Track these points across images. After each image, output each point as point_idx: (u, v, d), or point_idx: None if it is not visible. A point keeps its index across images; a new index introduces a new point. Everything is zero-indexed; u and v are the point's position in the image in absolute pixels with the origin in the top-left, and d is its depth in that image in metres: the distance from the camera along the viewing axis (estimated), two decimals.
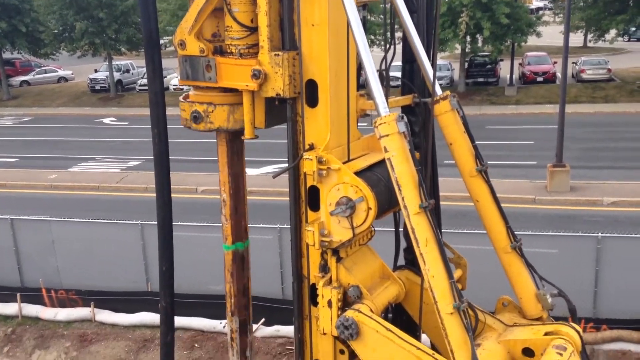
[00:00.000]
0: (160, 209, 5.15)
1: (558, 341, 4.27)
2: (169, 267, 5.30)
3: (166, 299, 5.33)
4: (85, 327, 13.42)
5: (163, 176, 5.08)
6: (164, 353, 5.44)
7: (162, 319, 5.41)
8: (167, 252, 5.27)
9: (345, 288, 4.58)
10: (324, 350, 4.79)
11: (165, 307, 5.36)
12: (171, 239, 5.31)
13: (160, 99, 4.94)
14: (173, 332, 5.49)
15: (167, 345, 5.44)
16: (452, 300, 3.87)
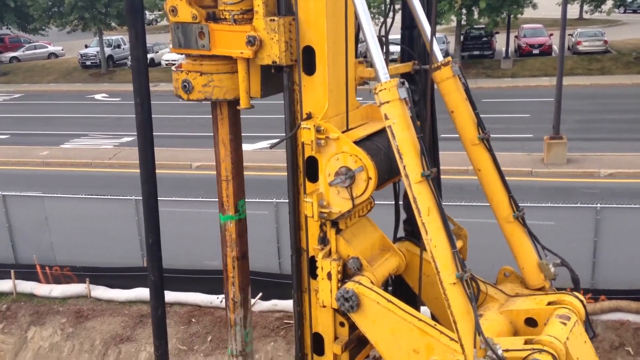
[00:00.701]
0: (144, 182, 5.02)
1: (561, 311, 4.21)
2: (155, 240, 5.19)
3: (155, 272, 5.23)
4: (80, 303, 13.38)
5: (146, 148, 4.92)
6: (156, 327, 5.36)
7: (151, 293, 5.31)
8: (153, 224, 5.13)
9: (344, 260, 4.51)
10: (324, 323, 4.73)
11: (154, 281, 5.25)
12: (156, 211, 5.17)
13: (143, 66, 4.76)
14: (164, 306, 5.39)
15: (159, 319, 5.36)
16: (454, 270, 3.79)
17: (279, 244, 12.27)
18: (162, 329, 5.34)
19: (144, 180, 4.98)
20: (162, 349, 5.36)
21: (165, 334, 5.40)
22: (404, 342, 4.21)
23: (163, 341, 5.35)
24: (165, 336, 5.39)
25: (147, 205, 5.07)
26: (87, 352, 12.39)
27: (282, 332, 11.49)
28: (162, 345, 5.36)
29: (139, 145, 4.92)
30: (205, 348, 11.73)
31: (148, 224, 5.11)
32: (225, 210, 5.22)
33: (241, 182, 5.31)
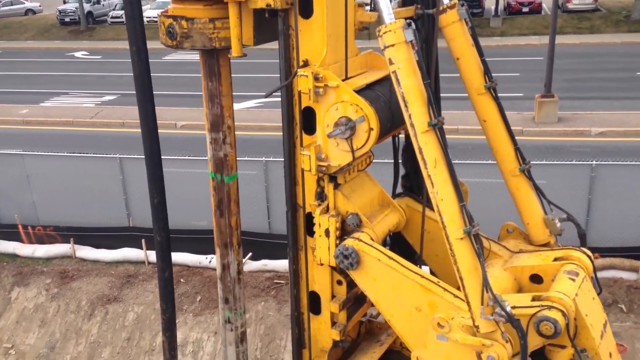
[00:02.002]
0: (146, 138, 4.74)
1: (569, 266, 4.08)
2: (160, 199, 4.97)
3: (160, 233, 5.03)
4: (65, 263, 13.16)
5: (146, 101, 4.62)
6: (163, 290, 5.18)
7: (158, 254, 5.12)
8: (158, 183, 4.91)
9: (343, 216, 4.32)
10: (321, 282, 4.57)
11: (160, 242, 5.06)
12: (160, 169, 4.93)
13: (137, 11, 4.41)
14: (171, 268, 5.20)
15: (166, 281, 5.17)
16: (462, 225, 3.60)
17: (269, 204, 12.07)
18: (170, 292, 5.17)
19: (145, 136, 4.70)
20: (170, 313, 5.19)
21: (172, 296, 5.22)
22: (405, 300, 4.06)
23: (170, 304, 5.18)
24: (172, 299, 5.22)
25: (150, 163, 4.81)
26: (73, 312, 12.24)
27: (272, 292, 11.41)
28: (170, 308, 5.18)
29: (137, 98, 4.62)
30: (194, 308, 11.63)
31: (152, 183, 4.86)
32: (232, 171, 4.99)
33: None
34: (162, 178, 4.94)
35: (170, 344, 5.38)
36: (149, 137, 4.72)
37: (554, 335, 3.59)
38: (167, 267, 5.13)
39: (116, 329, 11.79)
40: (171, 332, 5.33)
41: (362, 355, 4.87)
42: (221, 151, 4.95)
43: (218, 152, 4.96)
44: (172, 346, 5.40)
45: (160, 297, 5.25)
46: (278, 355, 10.56)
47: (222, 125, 4.79)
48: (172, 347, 5.40)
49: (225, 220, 5.17)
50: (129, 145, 15.55)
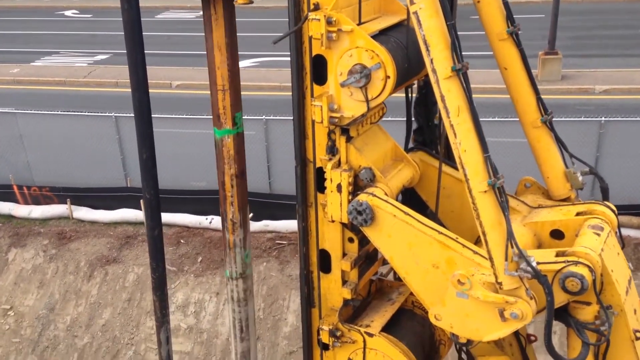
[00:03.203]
0: (135, 89, 4.49)
1: (593, 221, 3.91)
2: (150, 155, 4.76)
3: (149, 190, 4.84)
4: (62, 224, 13.00)
5: (135, 51, 4.38)
6: (152, 249, 5.03)
7: (146, 212, 4.96)
8: (147, 138, 4.70)
9: (356, 171, 4.13)
10: (332, 239, 4.41)
11: (149, 200, 4.88)
12: (150, 123, 4.71)
13: None
14: (160, 226, 5.06)
15: (155, 240, 5.01)
16: (486, 177, 3.42)
17: (269, 164, 11.86)
18: (159, 250, 5.03)
19: (134, 88, 4.46)
20: (160, 272, 5.07)
21: (162, 255, 5.09)
22: (422, 256, 3.90)
23: (160, 263, 5.06)
24: (162, 258, 5.09)
25: (139, 115, 4.59)
26: (72, 273, 12.15)
27: (274, 253, 11.32)
28: (160, 267, 5.06)
29: (127, 48, 4.39)
30: (195, 269, 11.55)
31: (141, 138, 4.66)
32: (221, 124, 4.77)
33: (238, 92, 4.84)
34: (152, 132, 4.73)
35: (161, 303, 5.28)
36: (137, 88, 4.49)
37: (580, 292, 3.45)
38: (157, 225, 4.98)
39: (116, 290, 11.72)
40: (162, 291, 5.23)
41: (374, 313, 4.74)
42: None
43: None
44: (164, 305, 5.31)
45: (150, 255, 5.14)
46: (281, 315, 10.53)
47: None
48: (163, 307, 5.31)
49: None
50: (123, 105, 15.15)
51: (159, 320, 5.29)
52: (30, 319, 11.79)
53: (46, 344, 11.52)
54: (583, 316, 3.61)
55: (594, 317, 3.60)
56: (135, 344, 11.12)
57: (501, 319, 3.47)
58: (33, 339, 11.58)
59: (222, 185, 4.98)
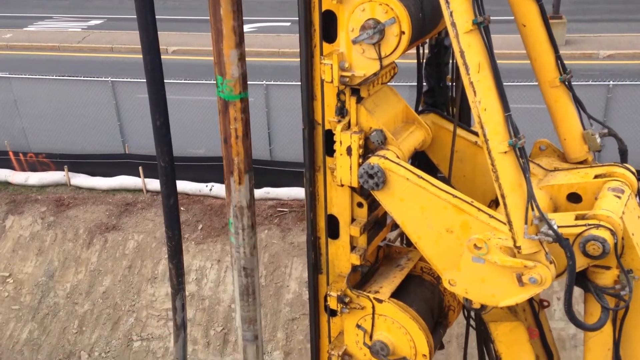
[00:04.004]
0: (146, 52, 4.32)
1: (613, 183, 3.78)
2: (164, 120, 4.63)
3: (164, 157, 4.72)
4: (60, 191, 12.86)
5: (146, 11, 4.20)
6: (168, 217, 4.94)
7: (162, 180, 4.84)
8: (160, 102, 4.55)
9: (366, 133, 3.97)
10: (340, 204, 4.28)
11: (164, 168, 4.76)
12: (162, 86, 4.54)
13: None
14: (176, 194, 4.95)
15: (171, 208, 4.90)
16: (506, 137, 3.27)
17: (270, 130, 11.68)
18: (175, 219, 4.93)
19: (145, 50, 4.29)
20: (176, 240, 4.96)
21: (178, 224, 4.99)
22: (436, 221, 3.78)
23: (177, 232, 4.95)
24: (178, 226, 4.98)
25: (151, 79, 4.43)
26: (70, 241, 12.06)
27: (275, 220, 11.23)
28: (176, 235, 4.95)
29: (137, 8, 4.19)
30: (196, 236, 11.47)
31: (155, 103, 4.51)
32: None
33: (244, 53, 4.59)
34: (165, 96, 4.58)
35: (177, 271, 5.20)
36: (149, 50, 4.31)
37: (601, 256, 3.35)
38: (172, 193, 4.86)
39: (116, 257, 11.65)
40: (178, 259, 5.15)
41: (382, 280, 4.65)
42: None
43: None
44: (180, 273, 5.24)
45: (166, 224, 5.04)
46: (283, 282, 10.50)
47: None
48: (179, 274, 5.24)
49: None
50: (119, 71, 14.93)
51: (175, 288, 5.22)
52: (29, 286, 11.75)
53: (46, 311, 11.50)
54: (602, 281, 3.52)
55: (614, 282, 3.51)
56: (137, 310, 11.10)
57: (519, 284, 3.37)
58: (33, 306, 11.56)
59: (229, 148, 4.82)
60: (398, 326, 4.21)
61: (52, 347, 11.09)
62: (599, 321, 3.43)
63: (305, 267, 10.43)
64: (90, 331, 11.12)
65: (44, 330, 11.31)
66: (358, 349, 4.40)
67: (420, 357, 4.20)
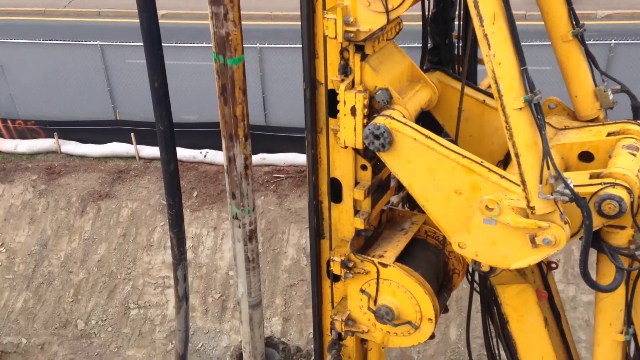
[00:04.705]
0: (143, 10, 4.11)
1: (627, 141, 3.65)
2: (162, 82, 4.45)
3: (163, 121, 4.55)
4: (51, 159, 12.64)
5: None
6: (168, 185, 4.79)
7: (161, 145, 4.68)
8: (157, 64, 4.36)
9: (371, 92, 3.81)
10: (343, 167, 4.15)
11: (163, 132, 4.59)
12: (160, 47, 4.33)
13: None
14: (176, 160, 4.80)
15: (172, 175, 4.74)
16: (522, 92, 3.13)
17: (264, 95, 11.44)
18: (176, 186, 4.78)
19: (142, 8, 4.07)
20: (177, 208, 4.82)
21: (179, 191, 4.83)
22: (444, 182, 3.66)
23: (177, 199, 4.80)
24: (179, 193, 4.83)
25: (148, 39, 4.22)
26: (63, 209, 11.90)
27: (272, 186, 11.10)
28: (177, 203, 4.81)
29: None
30: (191, 204, 11.34)
31: (152, 65, 4.31)
32: (236, 53, 4.39)
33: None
34: (162, 57, 4.38)
35: (178, 240, 5.10)
36: (145, 7, 4.11)
37: (617, 215, 3.24)
38: (172, 159, 4.71)
39: (111, 226, 11.52)
40: (179, 228, 5.04)
41: (386, 244, 4.55)
42: (223, 29, 4.30)
43: (219, 29, 4.30)
44: (181, 243, 5.14)
45: (166, 191, 4.90)
46: (280, 248, 10.44)
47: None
48: (180, 244, 5.13)
49: (230, 109, 4.64)
50: (107, 36, 14.53)
51: (176, 258, 5.11)
52: (22, 256, 11.63)
53: (40, 280, 11.42)
54: (617, 241, 3.43)
55: (628, 242, 3.42)
56: (133, 278, 11.05)
57: (532, 246, 3.28)
58: (27, 275, 11.47)
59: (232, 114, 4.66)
60: (403, 290, 4.12)
61: (47, 315, 11.04)
62: (614, 282, 3.35)
63: (303, 234, 10.44)
64: (86, 300, 11.06)
65: (39, 299, 11.24)
66: (362, 313, 4.32)
67: (426, 321, 4.13)
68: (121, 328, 10.65)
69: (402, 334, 4.23)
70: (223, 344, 9.89)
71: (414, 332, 4.19)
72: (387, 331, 4.27)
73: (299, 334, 9.74)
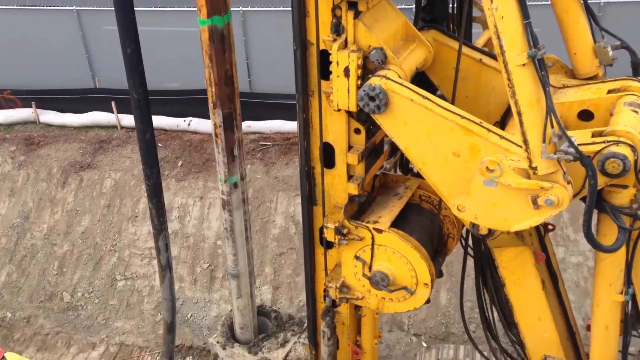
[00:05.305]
0: None
1: (629, 98, 3.56)
2: (135, 48, 4.29)
3: (137, 89, 4.39)
4: (29, 129, 12.32)
5: None
6: (145, 154, 4.68)
7: (136, 114, 4.53)
8: (130, 29, 4.22)
9: (365, 52, 3.66)
10: (336, 131, 4.02)
11: (138, 100, 4.43)
12: (132, 10, 4.19)
13: None
14: (152, 129, 4.67)
15: (148, 144, 4.60)
16: (525, 48, 3.01)
17: (248, 60, 11.16)
18: (153, 155, 4.66)
19: None
20: (154, 178, 4.69)
21: (156, 160, 4.71)
22: (442, 144, 3.55)
23: (155, 169, 4.68)
24: (156, 163, 4.71)
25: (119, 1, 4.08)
26: (44, 180, 11.64)
27: (258, 155, 10.94)
28: (154, 173, 4.68)
29: None
30: (176, 173, 11.15)
31: (123, 29, 4.17)
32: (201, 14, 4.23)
33: None
34: (135, 21, 4.23)
35: (158, 211, 4.98)
36: None
37: (621, 174, 3.17)
38: (148, 128, 4.57)
39: (94, 197, 11.31)
40: (158, 198, 4.92)
41: (381, 209, 4.46)
42: None
43: None
44: (161, 213, 5.02)
45: (143, 161, 4.77)
46: (269, 217, 10.34)
47: None
48: (160, 214, 5.01)
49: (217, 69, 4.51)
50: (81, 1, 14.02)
51: (157, 228, 5.01)
52: (4, 228, 11.41)
53: (24, 253, 11.23)
54: (619, 200, 3.37)
55: (630, 201, 3.36)
56: (119, 250, 10.90)
57: (534, 207, 3.20)
58: (9, 249, 11.27)
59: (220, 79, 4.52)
60: (399, 256, 4.05)
61: (32, 289, 10.89)
62: (617, 242, 3.30)
63: (291, 202, 10.34)
64: (71, 272, 10.91)
65: (22, 272, 11.07)
66: (356, 280, 4.25)
67: (422, 287, 4.08)
68: (108, 300, 10.56)
69: (397, 299, 4.18)
70: (213, 314, 9.85)
71: (409, 297, 4.14)
72: (382, 297, 4.21)
73: (289, 302, 9.73)
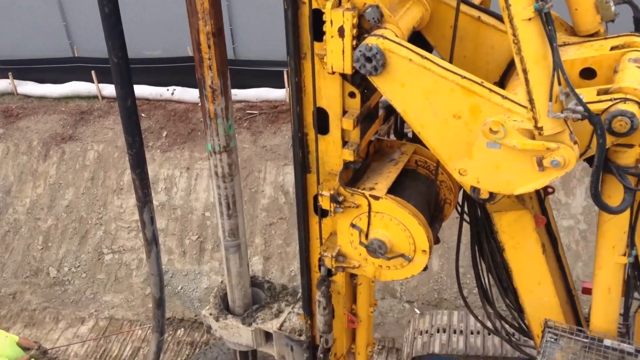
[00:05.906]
0: None
1: (634, 54, 3.44)
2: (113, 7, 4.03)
3: (116, 52, 4.13)
4: (7, 101, 11.95)
5: None
6: (126, 122, 4.44)
7: (116, 79, 4.28)
8: None
9: (360, 10, 3.48)
10: (329, 95, 3.86)
11: (117, 64, 4.17)
12: None
13: None
14: (133, 95, 4.42)
15: (129, 111, 4.38)
16: (532, 1, 2.87)
17: (232, 26, 10.84)
18: (135, 123, 4.46)
19: None
20: (137, 148, 4.49)
21: (138, 128, 4.50)
22: (441, 106, 3.42)
23: (137, 137, 4.48)
24: (139, 131, 4.50)
25: None
26: (25, 154, 11.35)
27: (245, 124, 10.72)
28: (137, 142, 4.48)
29: None
30: (161, 144, 10.91)
31: None
32: None
33: None
34: None
35: (141, 182, 4.79)
36: None
37: (628, 132, 3.08)
38: (129, 93, 4.33)
39: (77, 169, 11.06)
40: (141, 168, 4.72)
41: (376, 176, 4.34)
42: None
43: None
44: (145, 184, 4.83)
45: (125, 130, 4.54)
46: (258, 187, 10.19)
47: None
48: (144, 185, 4.82)
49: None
50: None
51: (141, 200, 4.82)
52: None
53: (7, 228, 11.01)
54: (624, 160, 3.28)
55: (636, 161, 3.28)
56: (105, 223, 10.72)
57: (539, 168, 3.10)
58: None
59: (198, 47, 4.28)
60: (396, 223, 3.95)
61: (17, 264, 10.71)
62: (624, 202, 3.22)
63: (280, 171, 10.20)
64: (56, 246, 10.73)
65: (6, 247, 10.87)
66: (353, 248, 4.16)
67: (420, 253, 4.00)
68: (96, 274, 10.42)
69: (394, 267, 4.10)
70: (203, 286, 9.77)
71: (407, 264, 4.06)
72: (379, 265, 4.13)
73: (280, 272, 9.67)
